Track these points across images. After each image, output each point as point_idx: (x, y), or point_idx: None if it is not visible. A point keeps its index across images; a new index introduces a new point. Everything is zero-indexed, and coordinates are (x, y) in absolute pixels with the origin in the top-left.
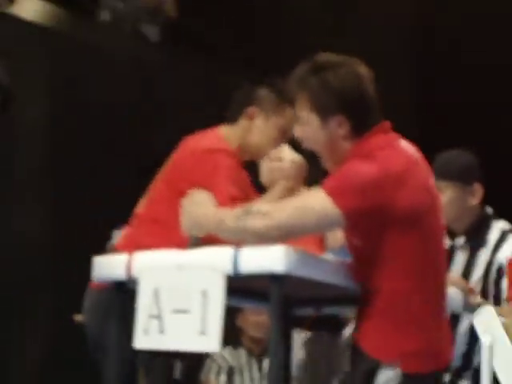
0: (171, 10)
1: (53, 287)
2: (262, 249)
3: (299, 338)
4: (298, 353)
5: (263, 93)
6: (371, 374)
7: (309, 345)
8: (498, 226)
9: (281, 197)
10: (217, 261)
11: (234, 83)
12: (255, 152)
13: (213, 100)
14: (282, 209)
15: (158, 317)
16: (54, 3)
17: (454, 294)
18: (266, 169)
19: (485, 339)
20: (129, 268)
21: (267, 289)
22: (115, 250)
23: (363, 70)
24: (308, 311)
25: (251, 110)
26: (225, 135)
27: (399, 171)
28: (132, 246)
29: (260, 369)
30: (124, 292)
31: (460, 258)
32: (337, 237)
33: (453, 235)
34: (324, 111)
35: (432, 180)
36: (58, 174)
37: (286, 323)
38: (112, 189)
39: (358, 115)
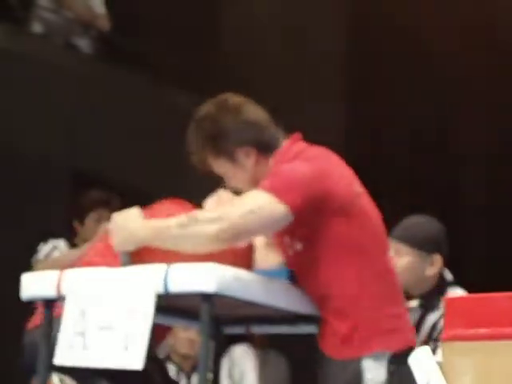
0: (105, 24)
1: None
2: (192, 267)
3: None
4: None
5: None
6: (358, 374)
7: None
8: (454, 293)
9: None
10: (147, 279)
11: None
12: None
13: (147, 115)
14: (231, 212)
15: (83, 334)
16: None
17: None
18: None
19: (420, 378)
20: (58, 285)
21: (198, 307)
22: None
23: (237, 101)
24: (241, 329)
25: None
26: None
27: (326, 165)
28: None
29: None
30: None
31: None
32: (265, 257)
33: (408, 297)
34: (227, 152)
35: (355, 176)
36: None
37: (217, 341)
38: (41, 200)
39: (257, 137)
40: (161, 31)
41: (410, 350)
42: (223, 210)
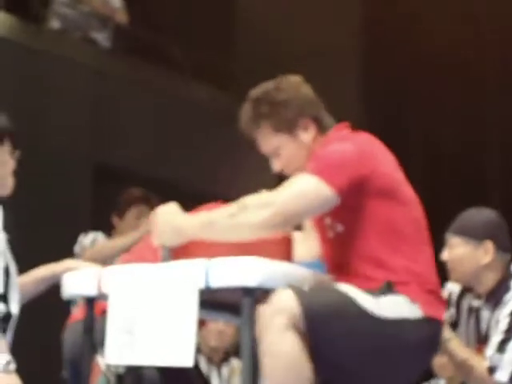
0: (122, 18)
1: None
2: (233, 262)
3: None
4: None
5: None
6: None
7: None
8: None
9: None
10: (189, 275)
11: (188, 92)
12: None
13: (163, 109)
14: (280, 197)
15: (130, 332)
16: (3, 10)
17: None
18: None
19: None
20: (99, 283)
21: (239, 301)
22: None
23: (296, 78)
24: None
25: None
26: None
27: (371, 147)
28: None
29: (219, 376)
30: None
31: (479, 320)
32: (306, 249)
33: (476, 295)
34: (288, 123)
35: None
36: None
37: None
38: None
39: (316, 112)
40: (179, 24)
41: (440, 323)
42: (271, 196)
